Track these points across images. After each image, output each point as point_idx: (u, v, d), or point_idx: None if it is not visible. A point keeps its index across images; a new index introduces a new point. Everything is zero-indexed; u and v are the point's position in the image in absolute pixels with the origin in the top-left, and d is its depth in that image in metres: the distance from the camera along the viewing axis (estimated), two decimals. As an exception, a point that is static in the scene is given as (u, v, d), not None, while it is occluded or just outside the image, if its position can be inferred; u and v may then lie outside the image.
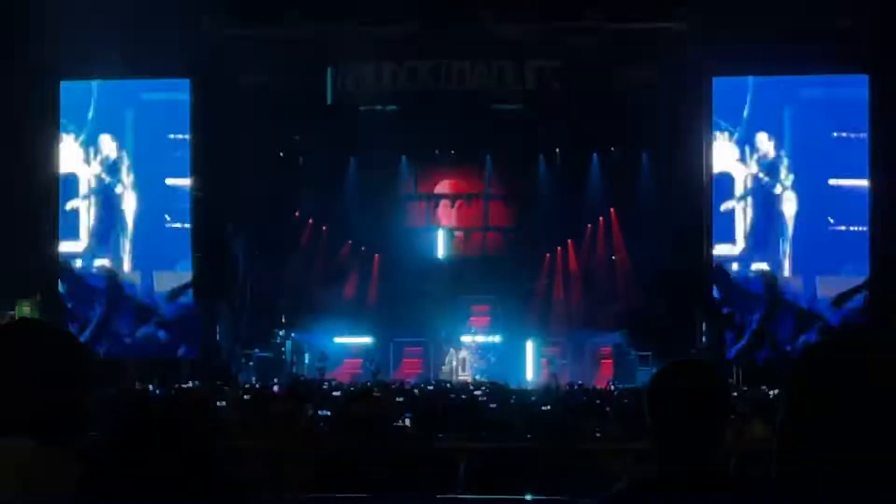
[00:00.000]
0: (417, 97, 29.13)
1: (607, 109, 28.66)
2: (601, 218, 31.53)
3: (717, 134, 27.16)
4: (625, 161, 30.37)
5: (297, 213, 31.57)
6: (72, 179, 28.42)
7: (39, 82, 27.46)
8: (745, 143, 27.18)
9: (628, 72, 28.36)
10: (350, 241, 32.06)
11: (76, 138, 28.41)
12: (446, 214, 32.85)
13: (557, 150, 31.34)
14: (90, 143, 28.42)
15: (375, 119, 29.30)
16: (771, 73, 27.71)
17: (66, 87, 28.37)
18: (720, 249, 27.14)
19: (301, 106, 28.94)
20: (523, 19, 28.13)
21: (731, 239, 27.18)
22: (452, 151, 32.05)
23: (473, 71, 29.24)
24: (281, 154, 30.82)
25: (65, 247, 28.29)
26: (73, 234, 28.39)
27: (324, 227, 31.93)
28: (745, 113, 27.23)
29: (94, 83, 28.47)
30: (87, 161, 28.44)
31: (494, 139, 30.48)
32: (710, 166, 27.44)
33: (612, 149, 30.64)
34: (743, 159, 27.22)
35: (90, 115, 28.38)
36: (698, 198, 27.77)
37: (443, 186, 32.79)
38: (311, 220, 31.81)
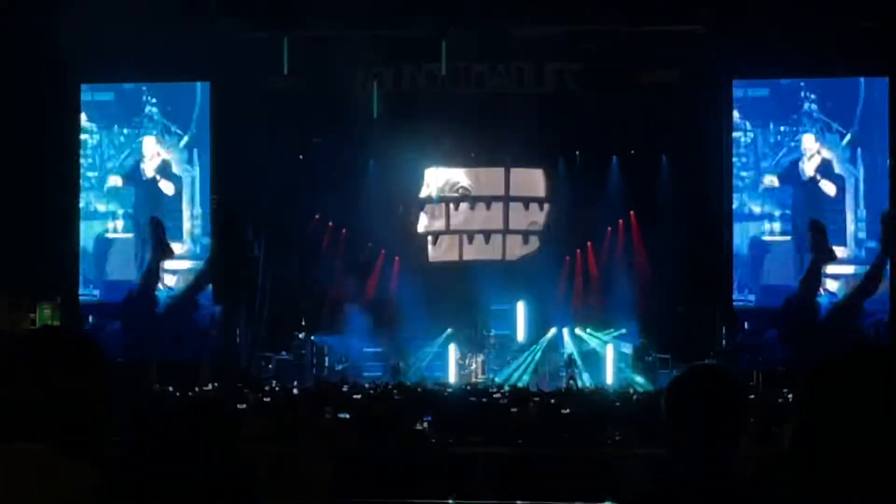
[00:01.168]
0: (436, 99, 29.15)
1: (627, 112, 28.62)
2: (621, 221, 31.45)
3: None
4: (645, 164, 30.30)
5: (317, 216, 31.57)
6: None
7: (60, 84, 27.61)
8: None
9: (648, 74, 28.34)
10: (370, 244, 32.06)
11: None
12: (466, 217, 32.81)
13: (577, 152, 31.28)
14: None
15: (394, 121, 29.33)
16: (791, 76, 27.71)
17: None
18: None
19: (320, 108, 28.98)
20: (543, 21, 28.13)
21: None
22: (472, 154, 32.03)
23: (493, 73, 29.27)
24: (301, 157, 30.83)
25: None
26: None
27: (343, 230, 31.93)
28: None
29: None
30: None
31: (514, 142, 30.46)
32: (730, 168, 27.45)
33: (632, 151, 30.56)
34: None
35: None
36: (718, 200, 27.74)
37: (463, 189, 32.74)
38: (331, 223, 31.81)
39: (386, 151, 30.64)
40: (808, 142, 27.89)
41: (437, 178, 32.62)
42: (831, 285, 27.60)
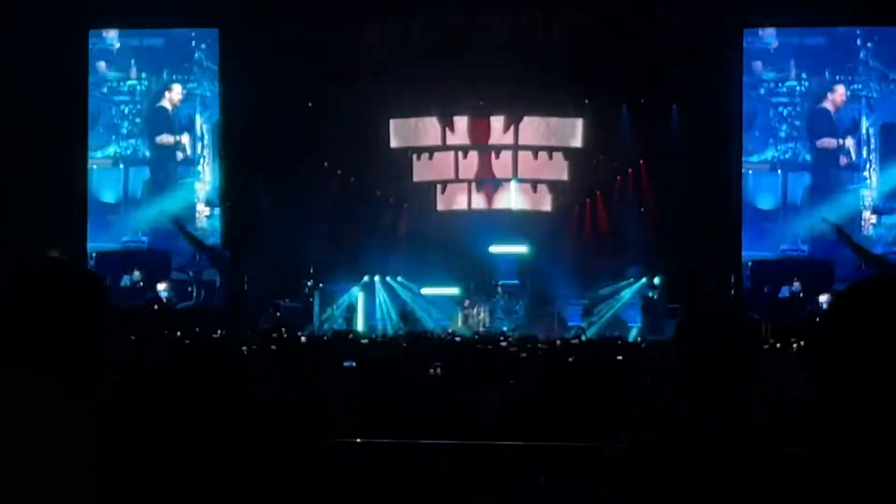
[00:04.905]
0: (445, 49, 29.04)
1: (637, 60, 28.49)
2: (630, 170, 31.37)
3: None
4: (655, 113, 30.17)
5: (325, 164, 31.52)
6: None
7: (68, 32, 27.55)
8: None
9: (659, 22, 28.17)
10: (378, 192, 32.03)
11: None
12: (475, 165, 32.71)
13: (586, 101, 31.16)
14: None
15: (403, 71, 29.24)
16: (807, 25, 27.52)
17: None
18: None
19: (330, 59, 28.90)
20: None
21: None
22: (481, 102, 31.90)
23: (502, 22, 29.14)
24: (310, 105, 30.74)
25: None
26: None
27: (352, 178, 31.90)
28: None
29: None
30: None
31: (523, 90, 30.35)
32: (739, 117, 27.32)
33: (642, 100, 30.42)
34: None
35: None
36: (728, 149, 27.63)
37: (472, 137, 32.62)
38: (339, 171, 31.77)
39: (394, 100, 30.60)
40: (839, 92, 27.67)
41: (445, 127, 32.51)
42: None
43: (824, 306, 25.79)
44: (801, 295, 27.17)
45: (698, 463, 3.12)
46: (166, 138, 29.58)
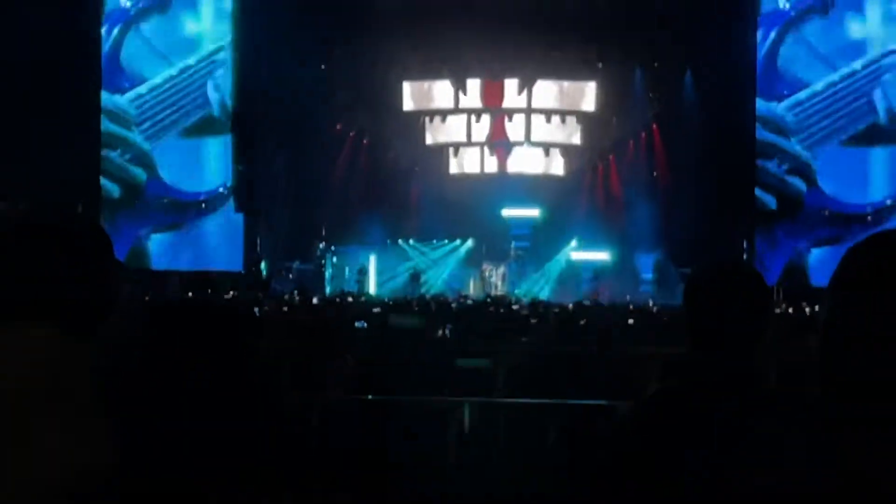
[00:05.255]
0: (459, 11, 28.91)
1: (651, 23, 28.36)
2: (643, 134, 31.31)
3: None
4: (669, 76, 30.08)
5: (338, 127, 31.50)
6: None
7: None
8: None
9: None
10: (391, 155, 32.02)
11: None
12: (487, 129, 32.68)
13: (600, 64, 31.08)
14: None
15: (417, 33, 29.15)
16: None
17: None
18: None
19: (343, 21, 28.81)
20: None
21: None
22: (495, 65, 31.81)
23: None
24: (323, 67, 30.69)
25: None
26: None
27: (365, 141, 31.89)
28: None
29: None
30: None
31: (538, 54, 30.27)
32: (753, 80, 27.11)
33: (656, 64, 30.32)
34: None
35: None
36: (742, 112, 27.49)
37: (485, 100, 32.57)
38: (352, 133, 31.76)
39: (407, 63, 30.54)
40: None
41: (458, 90, 32.47)
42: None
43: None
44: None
45: (706, 416, 3.15)
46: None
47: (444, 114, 32.59)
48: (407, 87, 32.03)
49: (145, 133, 28.45)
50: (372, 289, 29.63)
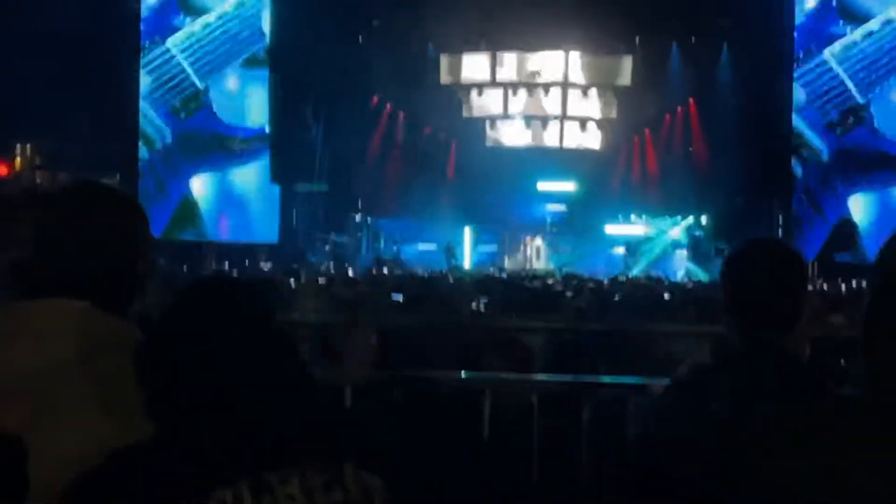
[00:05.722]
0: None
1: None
2: (679, 108, 31.17)
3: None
4: (705, 51, 29.91)
5: (375, 99, 31.48)
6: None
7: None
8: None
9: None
10: (427, 127, 31.99)
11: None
12: (524, 102, 32.60)
13: (637, 38, 30.92)
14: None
15: (454, 6, 29.03)
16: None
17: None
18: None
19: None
20: None
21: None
22: (532, 40, 31.70)
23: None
24: (360, 39, 30.64)
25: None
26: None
27: (401, 114, 31.87)
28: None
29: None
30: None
31: (575, 28, 30.11)
32: (790, 56, 26.88)
33: (693, 38, 30.15)
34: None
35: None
36: (780, 89, 27.30)
37: (521, 74, 32.48)
38: (388, 106, 31.74)
39: (445, 35, 30.45)
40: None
41: (496, 63, 32.39)
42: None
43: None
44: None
45: (743, 395, 3.13)
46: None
47: (480, 87, 32.51)
48: (444, 60, 31.96)
49: (199, 72, 28.49)
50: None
